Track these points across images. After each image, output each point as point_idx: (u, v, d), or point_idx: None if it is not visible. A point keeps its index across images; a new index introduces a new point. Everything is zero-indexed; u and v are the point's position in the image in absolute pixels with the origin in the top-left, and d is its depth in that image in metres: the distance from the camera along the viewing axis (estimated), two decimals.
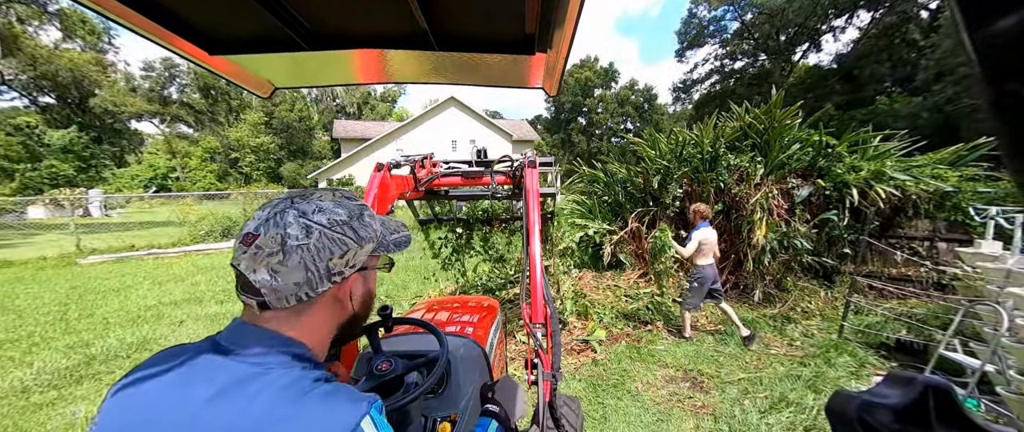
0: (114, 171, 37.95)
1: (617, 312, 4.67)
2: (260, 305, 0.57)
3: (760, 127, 5.96)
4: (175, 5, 0.91)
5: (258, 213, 0.60)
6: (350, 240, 0.62)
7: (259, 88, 1.34)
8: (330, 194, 0.65)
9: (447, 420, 1.16)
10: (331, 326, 0.65)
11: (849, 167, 5.20)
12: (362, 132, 28.30)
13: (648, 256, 6.08)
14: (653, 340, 4.04)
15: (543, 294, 1.53)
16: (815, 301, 4.85)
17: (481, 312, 2.04)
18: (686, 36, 35.05)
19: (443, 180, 2.45)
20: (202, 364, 0.54)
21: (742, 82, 33.35)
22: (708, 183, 5.83)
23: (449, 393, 1.22)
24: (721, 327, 4.38)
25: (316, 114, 48.68)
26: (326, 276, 0.59)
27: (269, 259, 0.55)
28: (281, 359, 0.55)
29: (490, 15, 1.01)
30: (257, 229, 0.57)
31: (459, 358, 1.35)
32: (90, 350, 4.01)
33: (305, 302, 0.58)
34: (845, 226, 4.97)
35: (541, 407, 1.30)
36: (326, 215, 0.60)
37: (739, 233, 5.84)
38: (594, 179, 7.45)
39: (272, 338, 0.57)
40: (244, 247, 0.56)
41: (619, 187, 6.89)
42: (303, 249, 0.56)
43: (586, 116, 51.75)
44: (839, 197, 5.11)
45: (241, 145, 39.02)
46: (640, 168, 6.74)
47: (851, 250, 5.09)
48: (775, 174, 5.65)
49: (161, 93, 42.45)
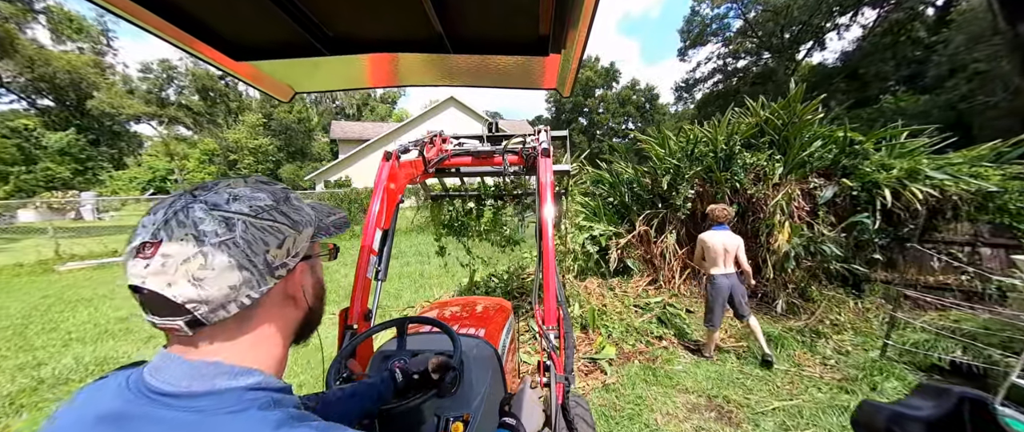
0: (111, 174, 37.67)
1: (627, 325, 4.24)
2: (191, 324, 0.46)
3: (778, 123, 5.54)
4: (202, 14, 0.93)
5: (147, 219, 0.48)
6: (284, 226, 0.53)
7: (280, 92, 1.34)
8: (241, 181, 0.55)
9: (460, 420, 1.16)
10: (287, 332, 0.57)
11: (878, 165, 4.77)
12: (359, 133, 27.92)
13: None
14: (669, 359, 3.61)
15: (556, 295, 1.50)
16: (844, 312, 4.42)
17: (493, 312, 2.02)
18: (689, 34, 34.60)
19: (453, 160, 2.34)
20: (121, 418, 0.44)
21: (745, 81, 32.89)
22: (722, 183, 5.41)
23: (462, 393, 1.20)
24: (743, 343, 3.95)
25: (315, 116, 48.40)
26: (268, 271, 0.51)
27: (185, 266, 0.45)
28: (234, 398, 0.46)
29: (504, 17, 1.00)
30: (156, 235, 0.46)
31: (472, 358, 1.35)
32: (40, 372, 3.59)
33: (250, 307, 0.49)
34: (876, 230, 4.53)
35: (554, 411, 1.30)
36: (246, 203, 0.51)
37: (756, 237, 5.42)
38: (598, 180, 7.05)
39: (217, 370, 0.47)
40: (143, 261, 0.45)
41: (625, 188, 6.49)
42: (228, 245, 0.47)
43: (587, 116, 51.39)
44: (869, 198, 4.68)
45: (239, 147, 38.68)
46: (647, 167, 6.33)
47: (882, 256, 4.66)
48: (795, 173, 5.23)
49: (159, 95, 42.17)
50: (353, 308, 1.51)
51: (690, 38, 34.74)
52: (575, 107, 50.94)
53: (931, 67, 16.83)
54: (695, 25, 34.04)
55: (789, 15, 28.75)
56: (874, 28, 26.99)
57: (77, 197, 18.35)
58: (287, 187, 0.59)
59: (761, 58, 33.33)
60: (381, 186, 1.63)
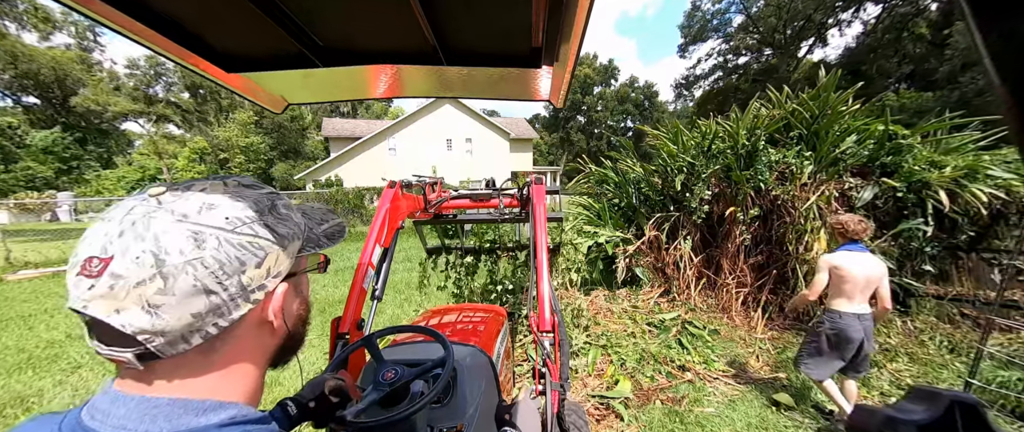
0: (99, 173, 36.65)
1: (641, 350, 3.61)
2: (142, 357, 0.38)
3: (807, 115, 4.92)
4: (194, 26, 0.93)
5: (98, 226, 0.40)
6: (266, 241, 0.45)
7: (273, 104, 1.34)
8: (219, 183, 0.46)
9: (453, 430, 1.13)
10: (262, 361, 0.49)
11: (927, 162, 4.16)
12: (352, 131, 27.12)
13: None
14: (698, 398, 2.97)
15: (550, 302, 1.52)
16: (892, 333, 3.80)
17: (487, 320, 2.01)
18: (689, 30, 34.00)
19: (452, 203, 2.50)
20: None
21: (746, 78, 32.37)
22: (743, 183, 4.78)
23: (455, 402, 1.19)
24: (784, 374, 3.31)
25: (309, 114, 47.50)
26: (242, 296, 0.42)
27: (139, 290, 0.37)
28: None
29: (497, 30, 1.02)
30: (105, 249, 0.38)
31: (465, 367, 1.31)
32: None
33: (215, 336, 0.41)
34: (927, 237, 3.92)
35: (550, 419, 1.31)
36: (221, 212, 0.42)
37: (782, 245, 4.80)
38: (603, 179, 6.42)
39: (182, 407, 0.39)
40: (88, 280, 0.37)
41: (632, 188, 5.86)
42: (195, 266, 0.39)
43: (585, 115, 50.81)
44: (917, 200, 4.07)
45: (230, 145, 37.77)
46: (657, 165, 5.70)
47: (933, 267, 4.04)
48: (826, 172, 4.61)
49: (146, 91, 41.14)
50: (346, 316, 1.47)
51: (691, 34, 34.16)
52: (573, 105, 50.34)
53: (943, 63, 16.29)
54: (696, 20, 33.46)
55: (793, 9, 28.22)
56: (878, 24, 26.50)
57: (54, 197, 17.53)
58: (274, 191, 0.51)
59: (762, 54, 32.81)
60: (384, 209, 1.69)
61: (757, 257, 5.10)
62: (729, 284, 5.02)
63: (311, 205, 0.58)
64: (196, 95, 43.00)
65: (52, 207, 17.02)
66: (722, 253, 5.16)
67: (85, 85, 37.40)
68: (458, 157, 26.75)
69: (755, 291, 4.92)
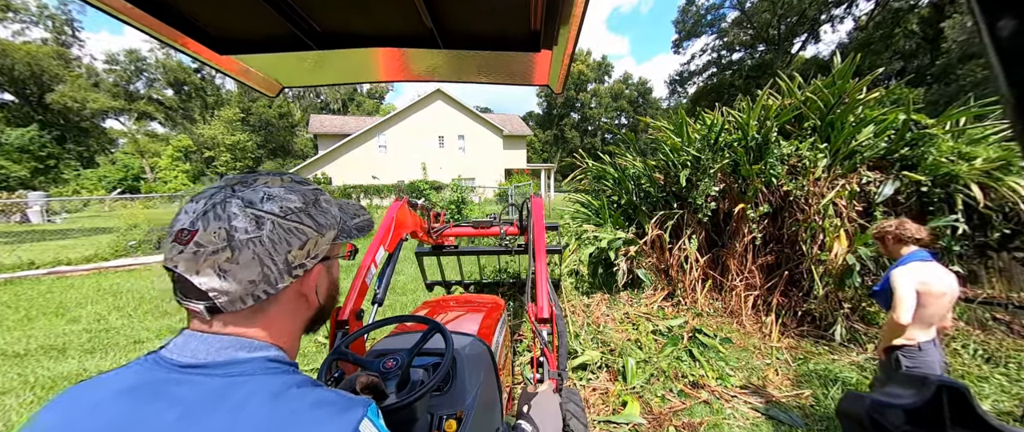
0: (79, 172, 35.41)
1: (651, 365, 3.23)
2: (210, 310, 0.50)
3: (821, 105, 4.57)
4: (186, 6, 0.93)
5: (190, 206, 0.51)
6: (309, 228, 0.55)
7: (267, 87, 1.34)
8: (277, 179, 0.57)
9: (453, 418, 1.14)
10: (297, 325, 0.60)
11: (953, 155, 3.84)
12: (341, 127, 26.45)
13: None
14: (716, 420, 2.60)
15: (548, 292, 1.57)
16: None
17: (486, 310, 2.06)
18: (684, 25, 33.77)
19: (454, 230, 2.67)
20: (153, 385, 0.46)
21: (740, 74, 32.25)
22: (753, 178, 4.43)
23: (455, 391, 1.22)
24: (806, 393, 2.96)
25: (298, 111, 46.53)
26: (287, 270, 0.53)
27: (214, 257, 0.48)
28: (256, 366, 0.50)
29: (495, 13, 1.01)
30: (194, 224, 0.49)
31: (465, 356, 1.34)
32: None
33: (264, 301, 0.52)
34: (957, 235, 3.60)
35: None
36: (278, 203, 0.53)
37: (793, 244, 4.47)
38: (601, 175, 6.03)
39: (238, 344, 0.51)
40: (179, 245, 0.48)
41: (632, 184, 5.48)
42: (255, 243, 0.50)
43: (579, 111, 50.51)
44: (944, 195, 3.75)
45: (216, 143, 36.76)
46: (659, 160, 5.33)
47: (962, 268, 3.73)
48: (842, 165, 4.28)
49: (127, 88, 39.83)
50: (346, 306, 1.52)
51: (685, 29, 33.94)
52: (567, 102, 49.98)
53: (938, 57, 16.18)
54: (690, 16, 33.24)
55: (785, 4, 28.09)
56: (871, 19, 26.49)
57: (24, 198, 16.71)
58: (318, 188, 0.61)
59: (756, 50, 32.72)
60: (391, 216, 1.79)
61: (767, 257, 4.76)
62: (737, 286, 4.67)
63: (346, 201, 0.70)
64: (180, 91, 41.79)
65: (21, 208, 16.21)
66: (729, 253, 4.81)
67: (62, 81, 36.08)
68: (451, 154, 26.23)
69: (765, 293, 4.59)
